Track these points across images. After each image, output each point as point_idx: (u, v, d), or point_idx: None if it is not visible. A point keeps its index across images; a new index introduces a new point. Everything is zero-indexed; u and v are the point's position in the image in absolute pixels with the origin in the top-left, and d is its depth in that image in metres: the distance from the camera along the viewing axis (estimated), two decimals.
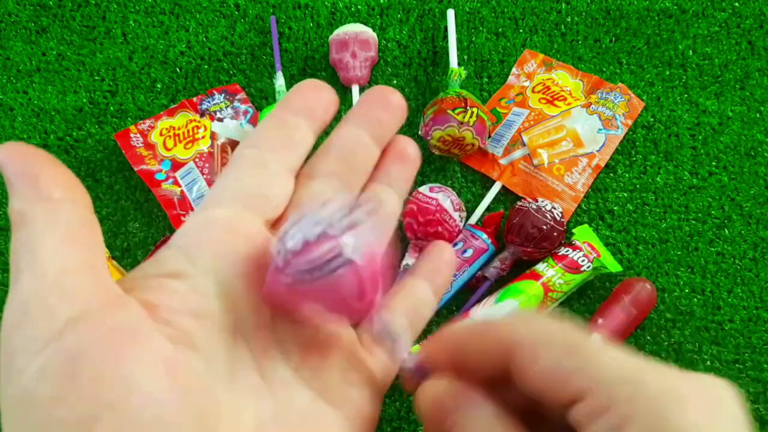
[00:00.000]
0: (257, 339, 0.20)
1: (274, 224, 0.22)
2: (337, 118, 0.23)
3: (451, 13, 0.64)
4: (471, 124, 0.56)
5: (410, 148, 0.24)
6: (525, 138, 0.61)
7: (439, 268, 0.25)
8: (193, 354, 0.18)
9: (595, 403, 0.16)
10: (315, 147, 0.24)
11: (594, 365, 0.17)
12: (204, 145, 0.60)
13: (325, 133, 0.23)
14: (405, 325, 0.24)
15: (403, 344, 0.20)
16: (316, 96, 0.23)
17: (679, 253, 0.58)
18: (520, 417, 0.19)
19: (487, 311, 0.52)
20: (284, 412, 0.19)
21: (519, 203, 0.57)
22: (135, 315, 0.17)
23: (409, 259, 0.56)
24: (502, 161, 0.61)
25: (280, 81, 0.62)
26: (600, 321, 0.52)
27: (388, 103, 0.23)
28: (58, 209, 0.17)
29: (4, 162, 0.17)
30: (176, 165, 0.59)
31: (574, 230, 0.56)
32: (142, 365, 0.16)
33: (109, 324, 0.16)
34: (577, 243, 0.55)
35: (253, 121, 0.62)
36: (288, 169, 0.22)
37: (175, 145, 0.60)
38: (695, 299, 0.57)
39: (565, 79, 0.64)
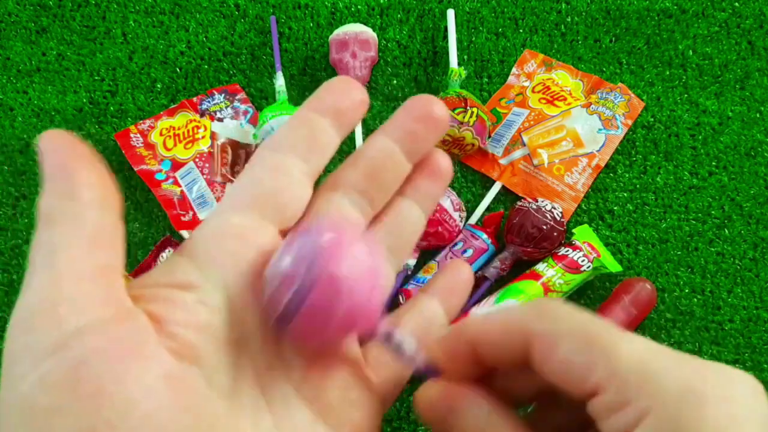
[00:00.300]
0: (261, 354, 0.20)
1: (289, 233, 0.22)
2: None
3: (451, 13, 0.64)
4: (471, 124, 0.56)
5: (444, 165, 0.23)
6: (525, 138, 0.61)
7: (455, 289, 0.24)
8: (196, 370, 0.17)
9: (613, 398, 0.16)
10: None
11: (612, 359, 0.16)
12: (204, 145, 0.60)
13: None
14: (410, 331, 0.24)
15: (409, 347, 0.20)
16: (346, 96, 0.22)
17: (679, 253, 0.58)
18: (538, 398, 0.19)
19: (487, 311, 0.52)
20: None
21: (519, 203, 0.57)
22: (142, 328, 0.17)
23: (408, 259, 0.56)
24: (502, 161, 0.61)
25: (280, 81, 0.62)
26: None
27: (429, 116, 0.22)
28: (85, 213, 0.17)
29: (45, 152, 0.17)
30: (176, 165, 0.59)
31: (574, 230, 0.56)
32: (144, 382, 0.16)
33: (115, 337, 0.16)
34: (577, 243, 0.55)
35: (253, 121, 0.62)
36: (308, 174, 0.21)
37: (175, 145, 0.60)
38: (695, 299, 0.57)
39: (565, 79, 0.64)
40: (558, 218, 0.55)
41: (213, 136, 0.61)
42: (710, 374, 0.16)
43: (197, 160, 0.60)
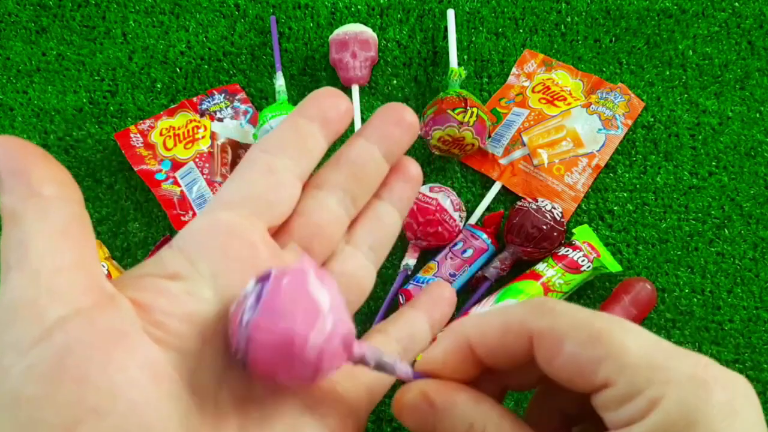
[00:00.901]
0: None
1: (277, 231, 0.22)
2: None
3: (451, 13, 0.64)
4: (471, 124, 0.56)
5: (414, 169, 0.25)
6: (525, 138, 0.61)
7: (438, 304, 0.26)
8: (182, 359, 0.18)
9: (623, 390, 0.16)
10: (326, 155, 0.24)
11: (619, 352, 0.17)
12: (204, 145, 0.60)
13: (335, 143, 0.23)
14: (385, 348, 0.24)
15: (389, 361, 0.20)
16: (331, 104, 0.23)
17: (679, 253, 0.58)
18: (537, 384, 0.20)
19: (483, 312, 0.52)
20: (269, 422, 0.19)
21: (519, 203, 0.57)
22: (124, 315, 0.17)
23: (408, 259, 0.56)
24: (502, 161, 0.61)
25: (280, 81, 0.62)
26: None
27: (402, 121, 0.23)
28: (49, 206, 0.17)
29: None
30: (176, 165, 0.59)
31: (574, 230, 0.56)
32: (128, 370, 0.16)
33: (98, 324, 0.16)
34: (577, 243, 0.55)
35: (253, 121, 0.62)
36: (297, 175, 0.22)
37: (175, 145, 0.60)
38: (695, 299, 0.57)
39: (565, 79, 0.64)
40: (558, 218, 0.55)
41: (213, 136, 0.61)
42: (710, 366, 0.17)
43: (197, 160, 0.60)
